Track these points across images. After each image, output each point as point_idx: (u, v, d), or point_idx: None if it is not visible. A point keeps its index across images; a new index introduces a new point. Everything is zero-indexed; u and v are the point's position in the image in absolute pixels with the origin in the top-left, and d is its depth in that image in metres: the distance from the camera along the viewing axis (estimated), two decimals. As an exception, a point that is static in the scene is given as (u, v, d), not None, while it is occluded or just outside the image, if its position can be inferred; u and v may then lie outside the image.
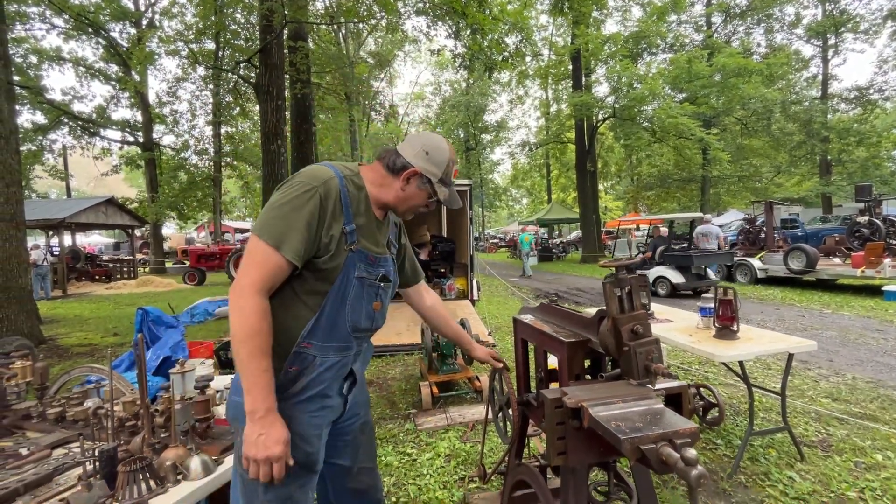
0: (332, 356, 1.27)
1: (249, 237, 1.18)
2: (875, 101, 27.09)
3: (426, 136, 1.34)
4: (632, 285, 1.40)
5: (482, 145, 32.83)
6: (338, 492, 1.49)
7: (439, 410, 3.62)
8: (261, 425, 1.10)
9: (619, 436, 1.01)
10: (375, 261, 1.33)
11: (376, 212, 1.35)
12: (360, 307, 1.31)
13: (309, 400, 1.26)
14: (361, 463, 1.49)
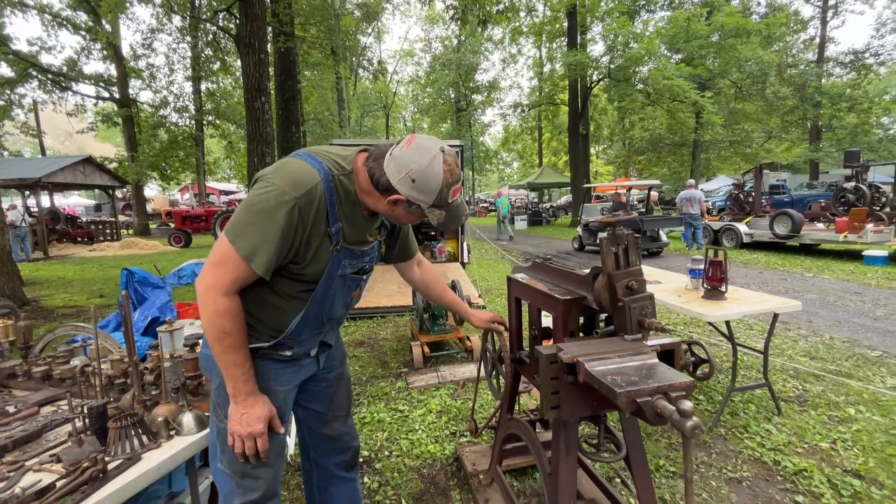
0: (307, 344, 1.32)
1: (221, 236, 1.11)
2: (870, 65, 26.83)
3: (414, 158, 1.09)
4: (628, 242, 1.38)
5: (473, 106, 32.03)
6: (314, 437, 1.55)
7: (430, 369, 3.68)
8: (243, 406, 1.16)
9: (615, 389, 1.01)
10: (361, 255, 1.28)
11: (365, 212, 1.25)
12: (339, 300, 1.30)
13: (277, 360, 1.29)
14: (336, 411, 1.53)
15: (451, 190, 1.14)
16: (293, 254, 1.15)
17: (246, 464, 1.22)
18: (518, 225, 20.84)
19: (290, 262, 1.16)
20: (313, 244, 1.16)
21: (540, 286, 1.64)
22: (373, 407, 3.07)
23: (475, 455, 2.33)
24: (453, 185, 1.14)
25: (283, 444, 1.34)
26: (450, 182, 1.13)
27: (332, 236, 1.18)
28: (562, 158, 33.59)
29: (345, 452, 1.58)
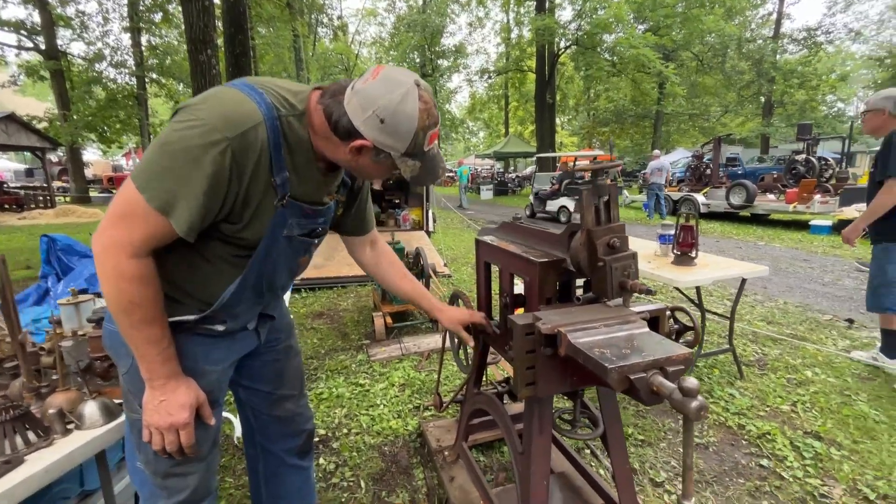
0: (242, 317, 1.10)
1: (125, 182, 0.84)
2: (821, 43, 27.84)
3: (382, 93, 0.86)
4: (611, 194, 1.21)
5: (439, 71, 31.05)
6: (261, 420, 1.34)
7: (393, 341, 3.50)
8: (161, 392, 0.95)
9: (605, 364, 0.85)
10: (314, 213, 1.05)
11: (320, 164, 1.01)
12: (283, 266, 1.08)
13: (206, 336, 1.06)
14: (285, 390, 1.33)
15: (428, 135, 0.91)
16: (226, 212, 0.90)
17: (169, 461, 1.00)
18: (484, 195, 20.70)
19: (224, 221, 0.92)
20: (253, 201, 0.92)
21: (512, 248, 1.46)
22: (331, 382, 2.88)
23: (440, 430, 2.19)
24: (430, 128, 0.91)
25: (217, 434, 1.13)
26: (426, 124, 0.90)
27: (278, 188, 0.94)
28: (528, 128, 33.43)
29: (297, 436, 1.39)
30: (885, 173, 2.63)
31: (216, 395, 1.09)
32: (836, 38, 28.74)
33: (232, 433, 2.27)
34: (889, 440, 2.17)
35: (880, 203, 2.64)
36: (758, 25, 27.91)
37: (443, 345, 2.01)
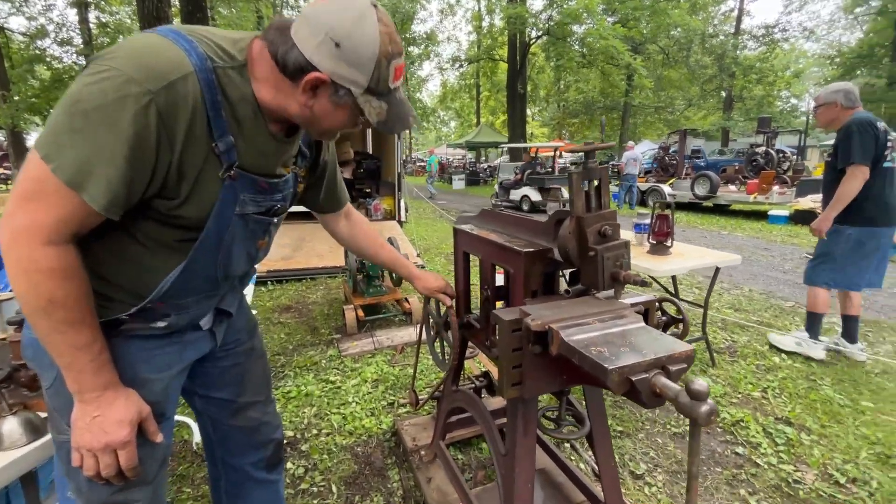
0: (192, 310, 0.95)
1: (30, 152, 0.69)
2: (778, 40, 29.02)
3: (335, 13, 0.74)
4: (601, 178, 1.13)
5: (410, 59, 30.53)
6: (221, 431, 1.20)
7: (365, 334, 3.38)
8: (95, 406, 0.79)
9: (604, 365, 0.77)
10: (269, 188, 0.91)
11: (272, 126, 0.87)
12: (240, 251, 0.94)
13: (148, 336, 0.91)
14: (249, 396, 1.20)
15: (393, 66, 0.79)
16: (158, 184, 0.75)
17: (108, 488, 0.85)
18: (456, 185, 20.59)
19: (158, 196, 0.77)
20: (189, 172, 0.77)
21: (493, 237, 1.36)
22: (300, 379, 2.73)
23: (415, 428, 2.10)
24: (395, 57, 0.79)
25: (167, 452, 0.99)
26: (390, 51, 0.77)
27: (222, 156, 0.79)
28: (499, 118, 33.45)
29: (264, 447, 1.26)
30: (847, 161, 2.68)
31: (163, 407, 0.95)
32: (791, 36, 30.05)
33: (190, 438, 2.10)
34: (853, 423, 2.22)
35: (846, 190, 2.69)
36: (720, 21, 28.78)
37: (419, 338, 1.91)
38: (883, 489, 1.78)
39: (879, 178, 2.68)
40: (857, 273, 2.80)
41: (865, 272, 2.80)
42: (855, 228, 2.76)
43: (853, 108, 2.77)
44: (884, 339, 3.26)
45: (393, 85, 0.81)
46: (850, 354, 2.91)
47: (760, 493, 1.78)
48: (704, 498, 1.76)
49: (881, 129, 2.67)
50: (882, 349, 3.11)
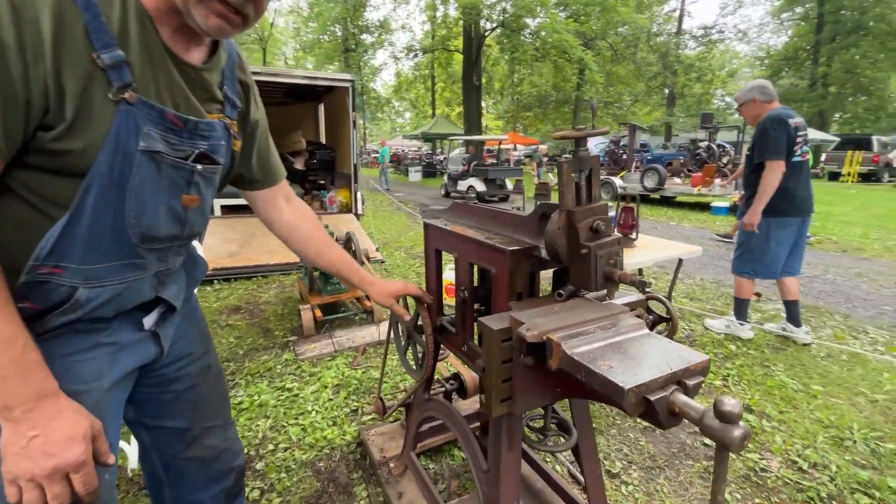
0: (110, 282, 0.75)
1: None
2: (715, 41, 30.81)
3: None
4: (592, 168, 1.03)
5: (363, 47, 29.71)
6: (174, 467, 1.05)
7: (324, 336, 3.17)
8: (30, 423, 0.63)
9: (619, 384, 0.66)
10: (183, 124, 0.76)
11: (168, 36, 0.73)
12: (156, 202, 0.76)
13: (66, 337, 0.74)
14: (206, 421, 1.05)
15: None
16: (39, 106, 0.60)
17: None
18: (412, 177, 20.33)
19: (40, 127, 0.62)
20: (71, 83, 0.61)
21: (471, 234, 1.24)
22: (252, 388, 2.51)
23: (383, 438, 1.96)
24: None
25: (114, 482, 0.86)
26: None
27: (109, 72, 0.64)
28: (455, 110, 33.36)
29: (225, 478, 1.11)
30: (763, 156, 2.82)
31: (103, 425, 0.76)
32: (726, 38, 31.99)
33: (125, 463, 1.85)
34: (808, 408, 2.31)
35: (768, 183, 2.82)
36: (664, 20, 30.09)
37: (387, 341, 1.77)
38: (842, 472, 1.84)
39: (789, 171, 2.82)
40: (774, 261, 2.97)
41: (781, 260, 2.98)
42: (767, 219, 2.90)
43: (771, 103, 2.92)
44: (824, 324, 3.47)
45: None
46: (796, 338, 3.05)
47: (732, 484, 1.79)
48: (679, 494, 1.75)
49: (793, 124, 2.81)
50: (824, 333, 3.29)
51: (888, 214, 9.18)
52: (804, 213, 2.95)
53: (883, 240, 6.70)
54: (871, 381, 2.58)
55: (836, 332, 3.29)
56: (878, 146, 17.99)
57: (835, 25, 24.26)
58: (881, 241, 6.64)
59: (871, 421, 2.20)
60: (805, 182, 2.92)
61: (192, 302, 1.06)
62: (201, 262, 1.09)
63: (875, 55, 23.29)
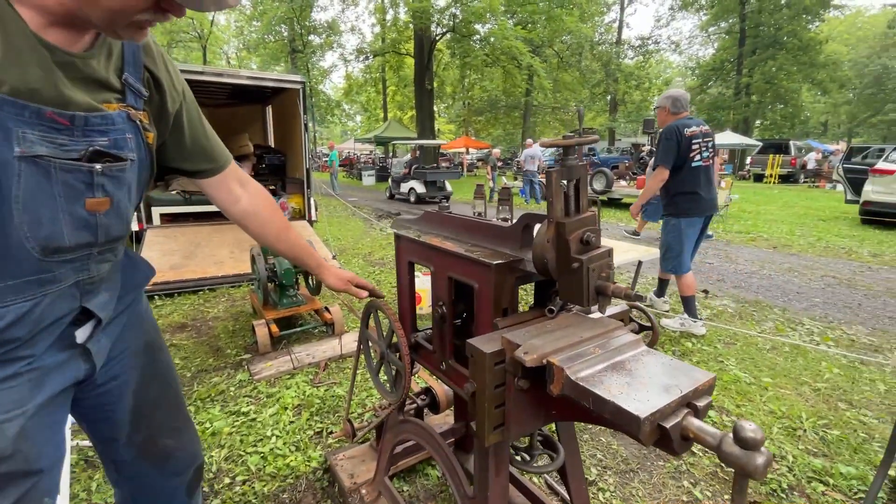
0: (13, 301, 0.69)
1: None
2: (651, 51, 32.76)
3: None
4: (580, 177, 1.00)
5: (311, 48, 28.95)
6: (123, 469, 1.05)
7: (281, 352, 2.98)
8: None
9: (635, 413, 0.62)
10: (68, 122, 0.68)
11: (39, 25, 0.64)
12: (54, 210, 0.70)
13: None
14: (155, 427, 1.05)
15: None
16: None
17: None
18: (366, 181, 20.00)
19: None
20: None
21: (450, 246, 1.17)
22: (204, 414, 2.30)
23: (352, 462, 1.84)
24: None
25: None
26: None
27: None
28: (407, 113, 33.24)
29: (182, 473, 1.13)
30: (655, 163, 3.24)
31: (26, 458, 0.73)
32: (661, 48, 34.10)
33: None
34: (761, 400, 2.43)
35: (649, 187, 3.33)
36: (605, 30, 31.60)
37: (355, 361, 1.66)
38: (798, 462, 1.93)
39: (690, 175, 3.13)
40: (687, 257, 3.30)
41: (690, 256, 3.33)
42: (678, 219, 3.23)
43: (678, 115, 3.21)
44: (766, 318, 3.70)
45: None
46: (694, 330, 3.27)
47: (702, 483, 1.83)
48: (654, 496, 1.77)
49: (688, 134, 3.09)
50: (767, 326, 3.51)
51: (807, 212, 10.07)
52: (708, 212, 3.27)
53: (806, 236, 7.32)
54: (813, 371, 2.77)
55: (777, 325, 3.52)
56: (795, 150, 19.80)
57: (755, 40, 26.48)
58: (804, 237, 7.24)
59: (816, 409, 2.35)
60: (708, 184, 3.20)
61: (138, 309, 1.02)
62: (143, 265, 1.04)
63: (789, 68, 25.66)
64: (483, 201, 3.69)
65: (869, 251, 6.19)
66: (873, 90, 30.77)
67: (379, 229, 8.04)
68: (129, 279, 0.97)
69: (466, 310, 1.34)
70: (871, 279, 4.84)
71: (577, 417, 0.89)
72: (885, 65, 29.38)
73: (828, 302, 4.10)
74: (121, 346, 0.95)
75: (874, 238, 7.06)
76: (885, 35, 32.49)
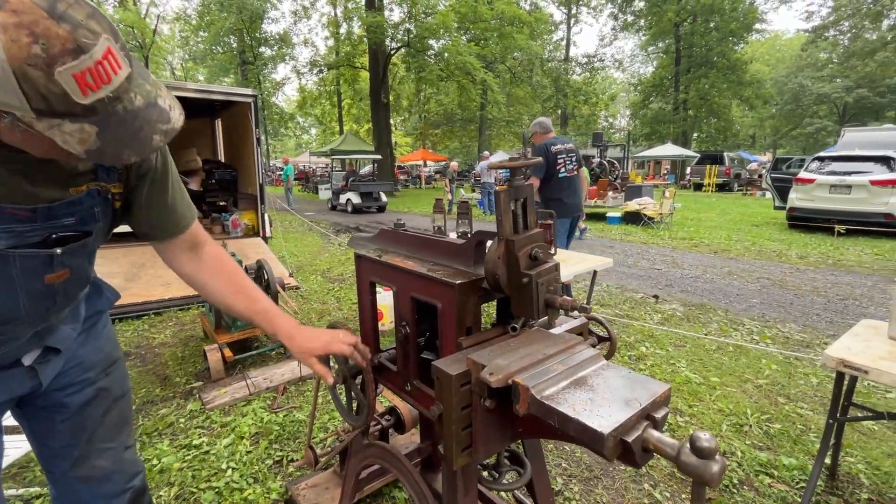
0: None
1: None
2: (597, 68, 34.55)
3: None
4: (527, 196, 1.03)
5: (262, 60, 28.32)
6: (58, 481, 1.05)
7: (236, 378, 2.84)
8: None
9: (599, 430, 0.63)
10: (29, 213, 0.72)
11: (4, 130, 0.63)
12: (9, 290, 0.75)
13: None
14: (95, 443, 1.04)
15: (66, 73, 0.53)
16: None
17: None
18: (323, 194, 19.62)
19: None
20: None
21: (411, 265, 1.16)
22: (150, 450, 2.14)
23: (315, 491, 1.77)
24: (58, 60, 0.53)
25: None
26: (33, 55, 0.51)
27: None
28: (364, 126, 33.08)
29: (115, 498, 1.08)
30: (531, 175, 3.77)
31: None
32: (606, 66, 36.06)
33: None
34: (710, 399, 2.57)
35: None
36: (554, 47, 33.01)
37: (316, 387, 1.60)
38: (747, 457, 2.05)
39: (556, 184, 3.75)
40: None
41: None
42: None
43: (546, 134, 3.92)
44: (711, 319, 3.93)
45: (88, 99, 0.56)
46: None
47: (661, 484, 1.90)
48: (617, 501, 1.81)
49: (554, 150, 3.72)
50: (712, 328, 3.73)
51: (741, 219, 10.84)
52: (572, 214, 3.89)
53: (741, 241, 7.87)
54: (754, 369, 2.96)
55: (721, 326, 3.75)
56: (728, 161, 21.37)
57: (689, 59, 28.54)
58: (740, 241, 7.79)
59: (760, 405, 2.51)
60: (572, 191, 3.84)
61: (97, 327, 1.04)
62: (107, 291, 1.08)
63: (720, 85, 27.82)
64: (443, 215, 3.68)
65: (796, 253, 6.74)
66: (792, 106, 33.81)
67: (337, 244, 7.90)
68: (92, 306, 1.01)
69: (429, 328, 1.33)
70: (800, 279, 5.27)
71: (543, 434, 0.90)
72: (801, 83, 32.41)
73: (764, 302, 4.42)
74: (73, 360, 0.97)
75: (800, 241, 7.70)
76: (799, 56, 35.96)
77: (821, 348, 3.31)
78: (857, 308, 4.22)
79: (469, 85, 19.99)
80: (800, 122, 34.24)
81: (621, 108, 46.29)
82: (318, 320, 3.97)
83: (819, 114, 33.33)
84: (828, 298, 4.52)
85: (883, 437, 2.26)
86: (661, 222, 9.73)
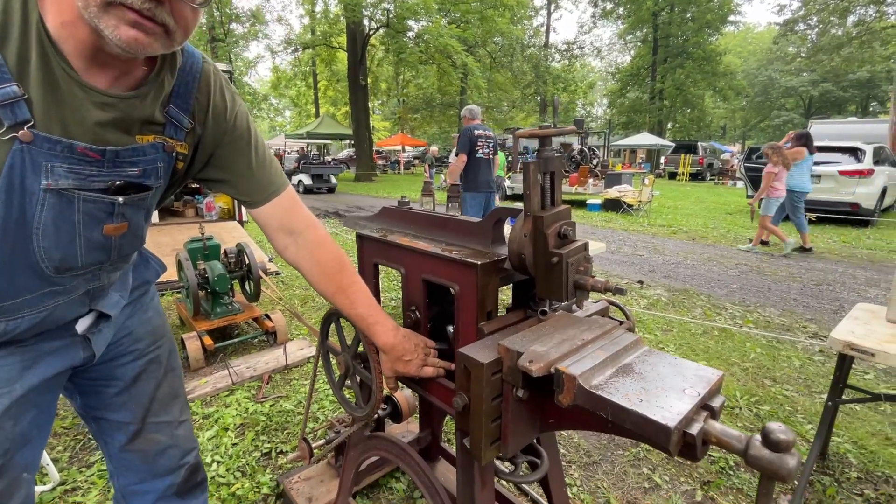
0: (28, 312, 0.75)
1: None
2: (576, 56, 34.60)
3: None
4: (556, 170, 0.96)
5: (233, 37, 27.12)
6: (115, 456, 1.05)
7: (218, 367, 2.71)
8: None
9: (664, 424, 0.57)
10: (100, 155, 0.69)
11: (82, 66, 0.65)
12: (71, 236, 0.73)
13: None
14: (151, 417, 1.04)
15: None
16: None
17: None
18: (299, 179, 19.17)
19: None
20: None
21: (424, 245, 1.08)
22: (126, 445, 2.00)
23: (309, 484, 1.68)
24: None
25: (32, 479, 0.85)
26: None
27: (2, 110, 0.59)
28: (341, 109, 32.32)
29: (171, 474, 1.09)
30: (456, 152, 4.62)
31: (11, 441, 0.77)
32: (585, 53, 36.15)
33: None
34: (700, 383, 2.59)
35: (451, 168, 4.76)
36: (534, 34, 32.80)
37: (313, 376, 1.51)
38: (740, 440, 2.07)
39: (474, 163, 4.49)
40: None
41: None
42: (467, 194, 4.58)
43: (474, 120, 4.63)
44: (695, 304, 3.99)
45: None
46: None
47: (659, 468, 1.90)
48: (618, 486, 1.80)
49: (476, 134, 4.45)
50: (696, 312, 3.78)
51: (716, 207, 11.12)
52: (485, 189, 4.59)
53: (718, 228, 8.06)
54: (740, 352, 3.01)
55: (706, 311, 3.81)
56: (702, 150, 21.86)
57: (666, 49, 28.86)
58: (717, 229, 7.97)
59: (748, 388, 2.55)
60: (485, 170, 4.56)
61: (145, 299, 1.04)
62: (153, 261, 1.08)
63: (695, 76, 28.29)
64: (432, 199, 3.60)
65: (771, 240, 6.94)
66: (762, 98, 34.78)
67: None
68: (139, 276, 1.02)
69: (437, 313, 1.25)
70: (776, 266, 5.42)
71: (576, 426, 0.85)
72: (771, 76, 33.32)
73: (743, 287, 4.52)
74: (123, 331, 0.97)
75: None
76: (769, 50, 36.89)
77: (801, 332, 3.40)
78: (830, 293, 4.36)
79: (450, 69, 19.69)
80: (768, 114, 35.30)
81: (598, 97, 46.64)
82: (301, 306, 3.84)
83: (786, 106, 34.42)
84: (803, 284, 4.66)
85: (865, 417, 2.33)
86: (640, 210, 9.87)
